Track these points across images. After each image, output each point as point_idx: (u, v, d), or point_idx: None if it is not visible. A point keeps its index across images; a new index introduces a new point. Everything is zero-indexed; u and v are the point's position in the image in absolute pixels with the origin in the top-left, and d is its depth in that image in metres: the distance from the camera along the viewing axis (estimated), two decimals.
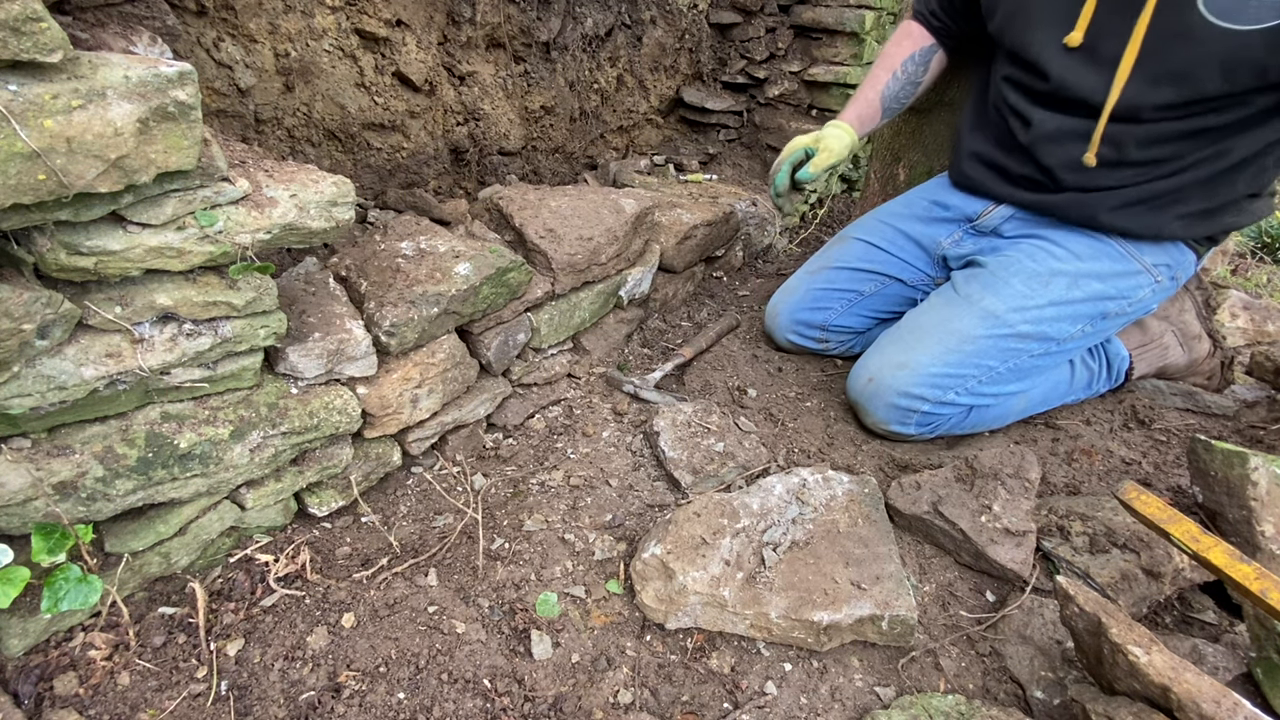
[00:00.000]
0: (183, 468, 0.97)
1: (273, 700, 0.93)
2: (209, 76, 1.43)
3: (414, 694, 0.95)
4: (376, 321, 1.14)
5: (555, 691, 0.98)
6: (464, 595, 1.10)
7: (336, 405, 1.10)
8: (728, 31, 2.49)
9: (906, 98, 1.59)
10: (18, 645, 0.92)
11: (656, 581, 1.06)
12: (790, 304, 1.72)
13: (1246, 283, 2.54)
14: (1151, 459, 1.44)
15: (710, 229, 1.88)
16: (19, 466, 0.84)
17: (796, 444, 1.47)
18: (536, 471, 1.36)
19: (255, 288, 0.95)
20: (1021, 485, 1.23)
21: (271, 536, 1.15)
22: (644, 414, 1.51)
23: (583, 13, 2.08)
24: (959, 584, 1.19)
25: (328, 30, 1.59)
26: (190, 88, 0.78)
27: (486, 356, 1.36)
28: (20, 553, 0.86)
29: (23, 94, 0.68)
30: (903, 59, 1.56)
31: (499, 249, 1.33)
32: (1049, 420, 1.57)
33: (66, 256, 0.79)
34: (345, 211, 1.00)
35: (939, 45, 1.58)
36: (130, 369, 0.88)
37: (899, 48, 1.58)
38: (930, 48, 1.57)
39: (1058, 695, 1.00)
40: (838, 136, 1.50)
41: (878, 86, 1.56)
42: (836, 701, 0.99)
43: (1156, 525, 1.04)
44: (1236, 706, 0.76)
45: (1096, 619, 0.87)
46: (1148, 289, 1.40)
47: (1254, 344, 1.80)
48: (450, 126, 1.93)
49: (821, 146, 1.48)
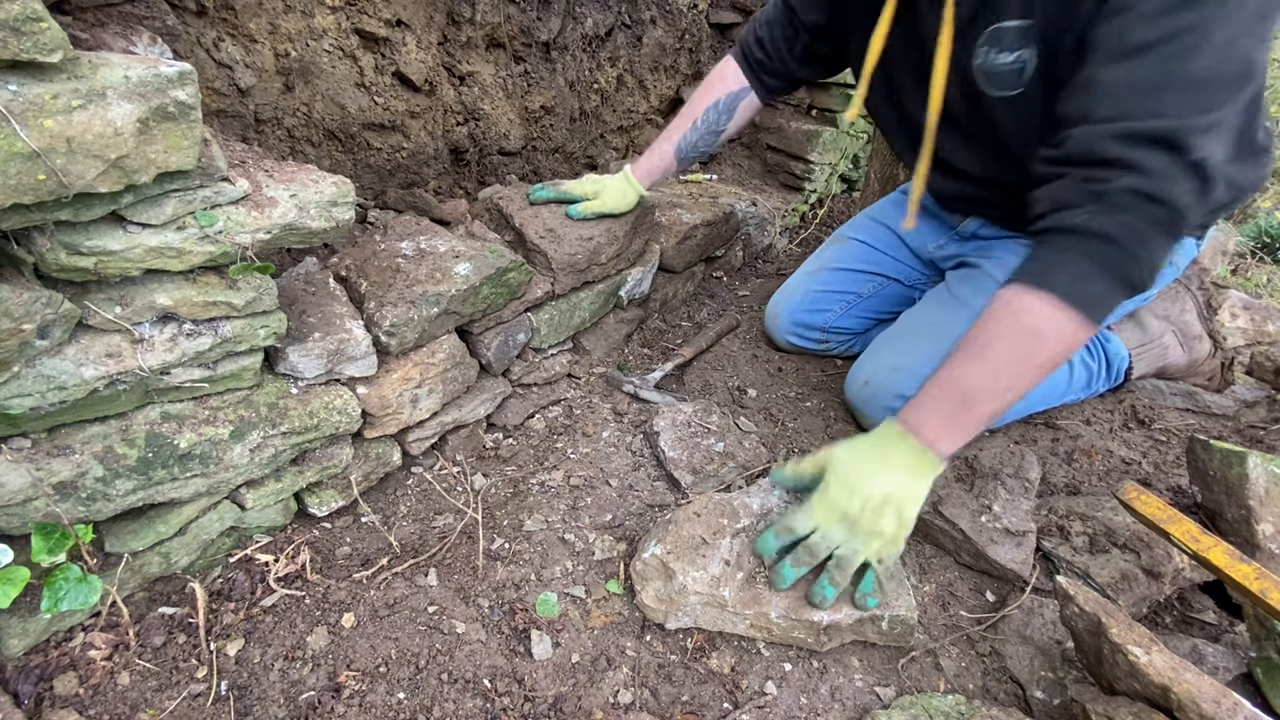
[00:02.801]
0: (183, 468, 0.97)
1: (273, 700, 0.93)
2: (209, 76, 1.43)
3: (414, 694, 0.95)
4: (376, 321, 1.14)
5: (555, 691, 0.98)
6: (464, 595, 1.10)
7: (336, 405, 1.10)
8: (728, 31, 2.49)
9: (706, 146, 1.49)
10: (18, 645, 0.92)
11: (656, 581, 1.06)
12: (789, 306, 1.72)
13: (1246, 283, 2.54)
14: (1151, 459, 1.44)
15: (710, 229, 1.89)
16: (19, 466, 0.84)
17: (796, 444, 1.47)
18: (536, 471, 1.36)
19: (255, 288, 0.95)
20: (1021, 485, 1.23)
21: (271, 536, 1.15)
22: (644, 414, 1.51)
23: (583, 13, 2.07)
24: (959, 584, 1.19)
25: (328, 30, 1.59)
26: (190, 88, 0.78)
27: (486, 356, 1.36)
28: (20, 553, 0.86)
29: (23, 94, 0.68)
30: (706, 106, 1.46)
31: (499, 249, 1.33)
32: (1049, 420, 1.57)
33: (66, 256, 0.79)
34: (345, 211, 1.00)
35: (752, 88, 1.47)
36: (130, 369, 0.88)
37: (706, 92, 1.48)
38: (738, 93, 1.47)
39: (1058, 695, 0.99)
40: (621, 193, 1.48)
41: (674, 137, 1.47)
42: (836, 701, 0.99)
43: (1156, 525, 1.04)
44: (1236, 706, 0.76)
45: (1096, 619, 0.88)
46: None
47: (1254, 344, 1.80)
48: (450, 126, 1.93)
49: (599, 200, 1.47)
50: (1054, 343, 0.94)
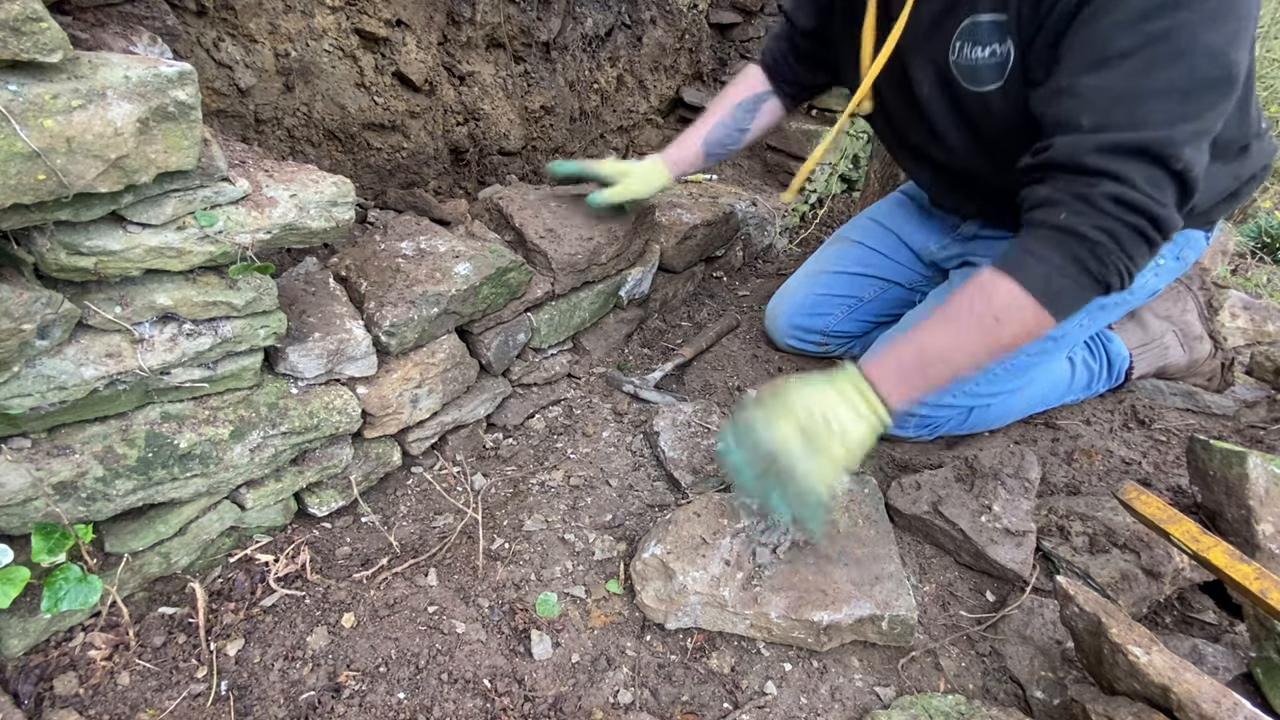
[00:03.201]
0: (183, 468, 0.97)
1: (273, 700, 0.93)
2: (209, 76, 1.43)
3: (414, 694, 0.95)
4: (376, 321, 1.14)
5: (555, 691, 0.98)
6: (464, 595, 1.10)
7: (336, 405, 1.10)
8: (728, 31, 2.49)
9: (732, 144, 1.53)
10: (18, 645, 0.92)
11: (656, 581, 1.06)
12: (790, 309, 1.71)
13: (1246, 283, 2.54)
14: (1151, 459, 1.43)
15: (710, 229, 1.89)
16: (19, 466, 0.84)
17: None
18: (536, 471, 1.36)
19: (255, 288, 0.95)
20: (1021, 485, 1.23)
21: (271, 536, 1.15)
22: (644, 414, 1.51)
23: (583, 13, 2.07)
24: (959, 584, 1.19)
25: (328, 30, 1.59)
26: (190, 88, 0.78)
27: (486, 356, 1.36)
28: (20, 553, 0.86)
29: (23, 94, 0.68)
30: (733, 104, 1.50)
31: (499, 249, 1.33)
32: (1049, 420, 1.57)
33: (66, 256, 0.79)
34: (345, 211, 1.00)
35: (774, 94, 1.52)
36: (130, 369, 0.88)
37: (733, 90, 1.52)
38: (762, 95, 1.51)
39: (1058, 695, 0.99)
40: (643, 177, 1.46)
41: (702, 131, 1.50)
42: (836, 701, 0.99)
43: (1156, 525, 1.04)
44: (1236, 706, 0.76)
45: (1096, 619, 0.87)
46: (1149, 273, 1.36)
47: (1254, 344, 1.80)
48: (450, 126, 1.93)
49: (624, 186, 1.45)
50: (1015, 328, 0.97)
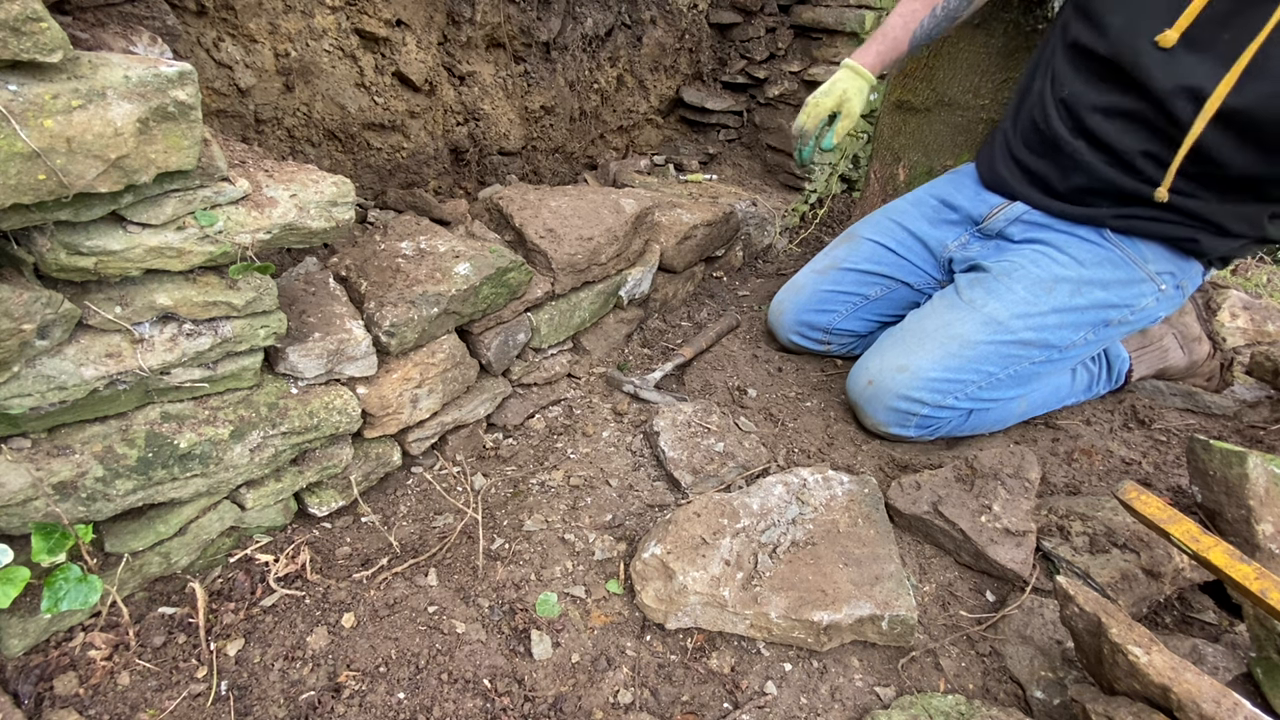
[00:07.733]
0: (183, 468, 0.97)
1: (273, 700, 0.93)
2: (209, 76, 1.43)
3: (414, 694, 0.95)
4: (376, 321, 1.14)
5: (555, 691, 0.98)
6: (464, 595, 1.10)
7: (336, 405, 1.10)
8: (728, 31, 2.49)
9: (939, 33, 1.46)
10: (18, 645, 0.92)
11: (656, 581, 1.06)
12: (796, 304, 1.71)
13: (1246, 283, 2.54)
14: (1151, 459, 1.44)
15: (710, 229, 1.88)
16: (19, 466, 0.84)
17: (796, 444, 1.47)
18: (536, 471, 1.36)
19: (255, 288, 0.95)
20: (1021, 485, 1.23)
21: (271, 536, 1.15)
22: (644, 414, 1.51)
23: (583, 13, 2.07)
24: (959, 584, 1.19)
25: (328, 30, 1.59)
26: (190, 88, 0.78)
27: (486, 356, 1.36)
28: (20, 553, 0.86)
29: (23, 94, 0.68)
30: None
31: (499, 249, 1.33)
32: (1049, 420, 1.57)
33: (66, 256, 0.79)
34: (345, 211, 1.00)
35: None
36: (130, 369, 0.88)
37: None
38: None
39: (1058, 695, 1.00)
40: (858, 90, 1.42)
41: (910, 24, 1.42)
42: (836, 701, 0.99)
43: (1156, 525, 1.04)
44: (1236, 706, 0.76)
45: (1096, 619, 0.87)
46: (1151, 297, 1.38)
47: (1254, 344, 1.80)
48: (450, 126, 1.93)
49: (844, 110, 1.43)
50: None
